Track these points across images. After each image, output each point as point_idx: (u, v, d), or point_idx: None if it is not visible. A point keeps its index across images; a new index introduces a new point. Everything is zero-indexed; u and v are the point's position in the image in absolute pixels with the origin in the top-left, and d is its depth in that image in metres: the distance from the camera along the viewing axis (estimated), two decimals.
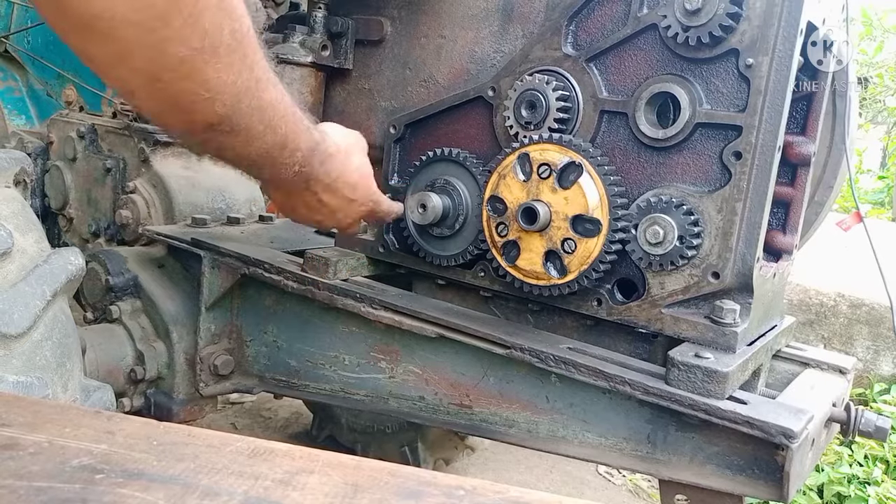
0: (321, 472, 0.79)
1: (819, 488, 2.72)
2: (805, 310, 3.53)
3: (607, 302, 1.38)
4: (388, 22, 1.67)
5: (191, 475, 0.74)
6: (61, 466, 0.71)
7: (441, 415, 1.56)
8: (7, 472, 0.68)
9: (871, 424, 1.40)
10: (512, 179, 1.37)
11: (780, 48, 1.21)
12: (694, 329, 1.30)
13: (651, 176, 1.35)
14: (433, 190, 1.53)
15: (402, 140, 1.65)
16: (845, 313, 3.50)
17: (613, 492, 2.80)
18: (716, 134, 1.28)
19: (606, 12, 1.38)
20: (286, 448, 0.83)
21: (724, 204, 1.26)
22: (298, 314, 1.76)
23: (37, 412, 0.82)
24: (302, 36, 1.65)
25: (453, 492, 0.78)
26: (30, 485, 0.67)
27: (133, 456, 0.76)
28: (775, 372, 1.61)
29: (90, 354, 1.74)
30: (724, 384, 1.20)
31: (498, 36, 1.53)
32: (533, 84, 1.40)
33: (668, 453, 1.30)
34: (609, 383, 1.29)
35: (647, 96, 1.32)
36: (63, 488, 0.67)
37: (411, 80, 1.65)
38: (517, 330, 1.47)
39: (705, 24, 1.23)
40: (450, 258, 1.54)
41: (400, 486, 0.78)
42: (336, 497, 0.74)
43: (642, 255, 1.31)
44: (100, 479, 0.70)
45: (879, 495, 2.63)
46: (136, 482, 0.71)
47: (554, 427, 1.42)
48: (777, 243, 1.48)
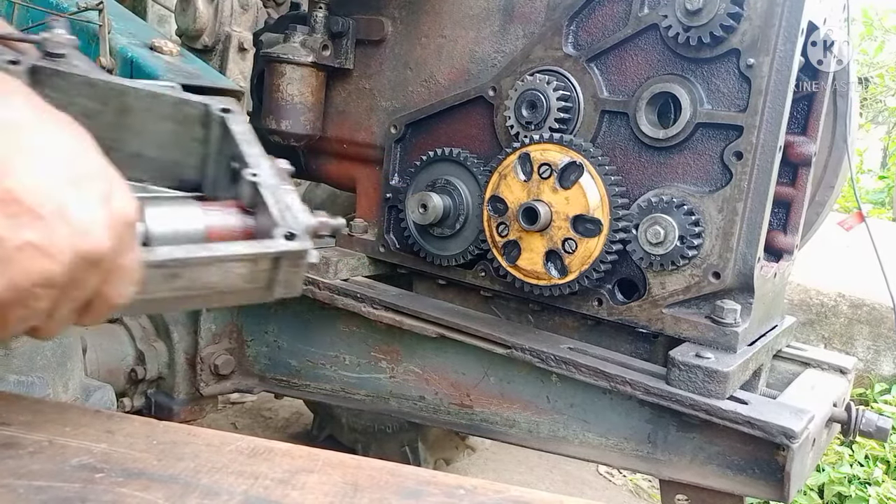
0: (321, 472, 0.79)
1: (820, 488, 2.72)
2: (806, 310, 3.53)
3: (608, 302, 1.38)
4: (389, 22, 1.67)
5: (191, 474, 0.74)
6: (61, 465, 0.71)
7: (442, 415, 1.56)
8: (7, 470, 0.68)
9: (872, 424, 1.39)
10: (513, 179, 1.37)
11: (780, 48, 1.21)
12: (695, 329, 1.30)
13: (652, 176, 1.34)
14: (434, 190, 1.53)
15: (402, 140, 1.65)
16: (846, 313, 3.50)
17: (614, 492, 2.80)
18: (717, 134, 1.28)
19: (607, 12, 1.38)
20: (286, 447, 0.83)
21: (724, 204, 1.26)
22: (299, 314, 1.76)
23: (37, 411, 0.82)
24: (303, 36, 1.65)
25: (454, 491, 0.78)
26: (30, 484, 0.67)
27: (133, 455, 0.76)
28: (776, 372, 1.61)
29: (91, 354, 1.74)
30: (724, 384, 1.20)
31: (499, 36, 1.52)
32: (534, 84, 1.40)
33: (669, 453, 1.30)
34: (610, 383, 1.29)
35: (648, 96, 1.32)
36: (63, 487, 0.67)
37: (412, 79, 1.65)
38: (518, 330, 1.47)
39: (706, 24, 1.23)
40: (450, 258, 1.54)
41: (400, 486, 0.78)
42: (336, 496, 0.74)
43: (643, 255, 1.31)
44: (100, 478, 0.70)
45: (880, 495, 2.62)
46: (136, 481, 0.71)
47: (555, 427, 1.42)
48: (778, 243, 1.48)
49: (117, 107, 0.92)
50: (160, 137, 0.96)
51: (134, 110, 0.93)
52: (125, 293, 0.69)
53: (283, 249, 0.81)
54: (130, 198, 0.67)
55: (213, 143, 0.99)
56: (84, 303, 0.67)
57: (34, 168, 0.59)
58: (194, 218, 0.83)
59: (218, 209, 0.86)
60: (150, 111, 0.94)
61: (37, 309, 0.63)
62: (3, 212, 0.57)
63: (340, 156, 1.79)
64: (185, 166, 0.98)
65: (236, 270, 0.81)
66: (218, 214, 0.85)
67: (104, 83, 0.90)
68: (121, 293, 0.68)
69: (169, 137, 0.97)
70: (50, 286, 0.61)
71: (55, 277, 0.60)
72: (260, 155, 0.93)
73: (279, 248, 0.81)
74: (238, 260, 0.80)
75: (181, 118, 0.97)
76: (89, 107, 0.90)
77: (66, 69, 0.89)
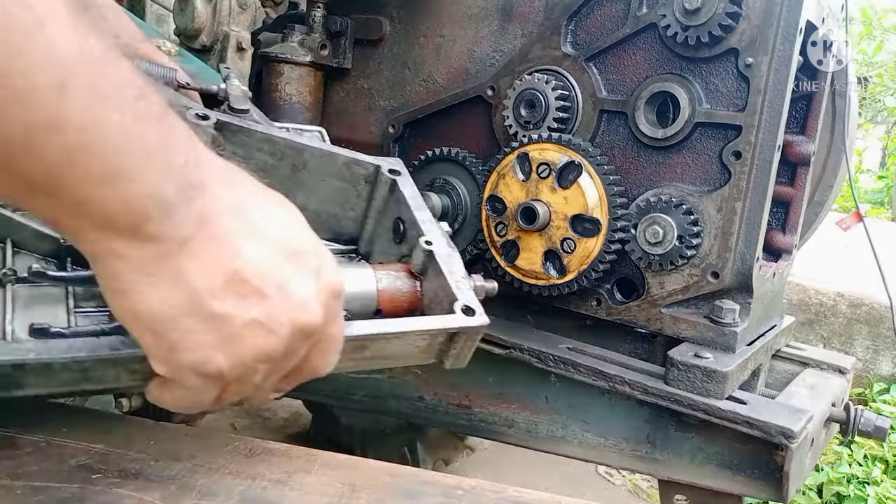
0: (319, 473, 0.79)
1: (818, 488, 2.72)
2: (804, 309, 3.53)
3: (607, 302, 1.38)
4: (387, 21, 1.66)
5: (188, 475, 0.73)
6: (59, 466, 0.71)
7: (440, 415, 1.56)
8: (4, 471, 0.68)
9: (871, 424, 1.39)
10: (511, 179, 1.37)
11: (779, 48, 1.21)
12: (693, 329, 1.30)
13: (650, 175, 1.34)
14: (432, 189, 1.53)
15: (401, 139, 1.65)
16: (845, 313, 3.50)
17: (613, 492, 2.80)
18: (715, 133, 1.28)
19: (606, 12, 1.38)
20: (284, 448, 0.83)
21: (723, 203, 1.26)
22: None
23: (35, 412, 0.82)
24: (301, 35, 1.65)
25: (452, 492, 0.78)
26: (27, 484, 0.67)
27: (130, 456, 0.75)
28: (775, 372, 1.61)
29: None
30: (723, 384, 1.20)
31: (497, 35, 1.52)
32: (532, 83, 1.40)
33: (668, 453, 1.30)
34: (608, 383, 1.29)
35: (647, 96, 1.32)
36: (61, 488, 0.67)
37: (410, 79, 1.65)
38: (516, 330, 1.47)
39: (705, 23, 1.23)
40: None
41: (398, 487, 0.78)
42: (334, 497, 0.74)
43: (642, 255, 1.31)
44: (97, 478, 0.70)
45: (879, 495, 2.62)
46: (134, 482, 0.71)
47: (553, 427, 1.42)
48: (777, 243, 1.48)
49: (292, 163, 0.95)
50: (327, 192, 0.99)
51: (308, 167, 0.97)
52: (330, 362, 0.72)
53: (463, 325, 0.84)
54: (338, 270, 0.69)
55: (376, 201, 1.02)
56: (290, 371, 0.69)
57: (257, 248, 0.62)
58: (367, 280, 0.86)
59: (387, 272, 0.89)
60: (322, 169, 0.97)
61: (253, 382, 0.66)
62: (233, 292, 0.60)
63: None
64: (344, 220, 1.02)
65: (417, 343, 0.84)
66: (388, 278, 0.88)
67: (284, 141, 0.94)
68: (327, 362, 0.71)
69: (335, 193, 1.00)
70: (270, 360, 0.64)
71: (276, 351, 0.63)
72: (430, 221, 0.96)
73: (460, 324, 0.84)
74: (424, 334, 0.83)
75: (349, 176, 1.00)
76: (268, 162, 0.94)
77: (250, 126, 0.93)
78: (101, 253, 0.57)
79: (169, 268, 0.58)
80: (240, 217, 0.62)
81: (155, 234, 0.57)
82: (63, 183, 0.52)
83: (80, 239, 0.57)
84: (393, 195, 1.01)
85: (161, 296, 0.58)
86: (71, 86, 0.50)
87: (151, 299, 0.58)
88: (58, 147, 0.51)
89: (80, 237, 0.57)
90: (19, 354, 0.61)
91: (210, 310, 0.59)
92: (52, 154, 0.51)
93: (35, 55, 0.49)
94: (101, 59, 0.53)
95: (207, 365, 0.61)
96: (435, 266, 0.89)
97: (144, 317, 0.59)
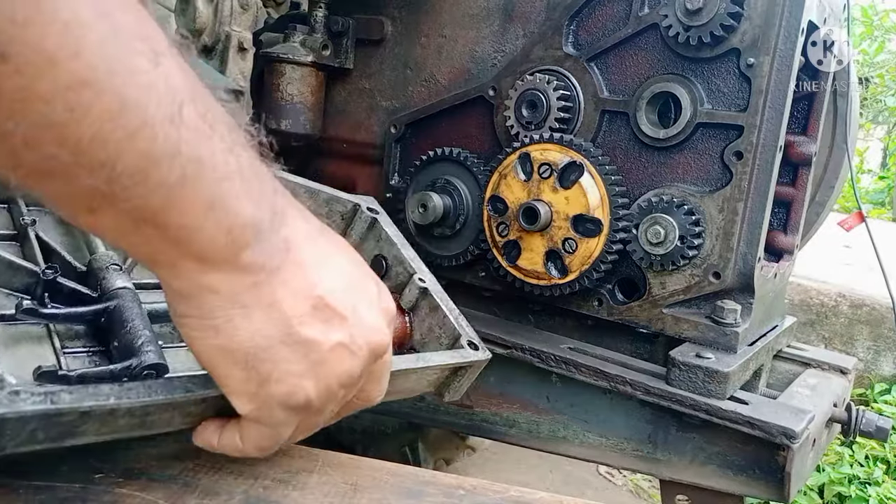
0: (321, 472, 0.79)
1: (820, 488, 2.72)
2: (806, 310, 3.53)
3: (608, 302, 1.38)
4: (389, 21, 1.67)
5: (190, 474, 0.73)
6: (60, 465, 0.71)
7: (441, 415, 1.56)
8: (5, 470, 0.68)
9: (872, 425, 1.39)
10: (513, 179, 1.37)
11: (781, 48, 1.21)
12: (695, 329, 1.30)
13: (652, 176, 1.34)
14: (434, 190, 1.53)
15: (402, 140, 1.65)
16: (846, 313, 3.49)
17: (614, 492, 2.80)
18: (717, 134, 1.28)
19: (607, 12, 1.38)
20: (286, 447, 0.83)
21: (725, 204, 1.26)
22: None
23: None
24: (302, 35, 1.65)
25: (453, 491, 0.78)
26: (29, 483, 0.67)
27: (132, 455, 0.75)
28: (776, 372, 1.61)
29: None
30: (725, 384, 1.20)
31: (498, 35, 1.52)
32: (534, 84, 1.40)
33: (669, 453, 1.30)
34: (610, 383, 1.29)
35: (648, 96, 1.32)
36: (62, 487, 0.67)
37: (412, 79, 1.65)
38: (518, 330, 1.47)
39: (706, 23, 1.23)
40: (450, 258, 1.54)
41: (400, 486, 0.78)
42: (336, 496, 0.74)
43: (643, 255, 1.31)
44: (99, 478, 0.70)
45: (880, 496, 2.62)
46: (136, 481, 0.71)
47: (555, 427, 1.42)
48: (778, 243, 1.48)
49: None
50: None
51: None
52: (383, 389, 0.73)
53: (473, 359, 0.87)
54: (390, 296, 0.73)
55: (352, 238, 1.05)
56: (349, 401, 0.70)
57: (331, 274, 0.63)
58: None
59: None
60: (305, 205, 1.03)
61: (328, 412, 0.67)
62: (318, 317, 0.61)
63: (340, 156, 1.79)
64: None
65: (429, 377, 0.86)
66: None
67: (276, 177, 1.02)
68: (380, 389, 0.73)
69: None
70: (351, 384, 0.65)
71: (356, 374, 0.65)
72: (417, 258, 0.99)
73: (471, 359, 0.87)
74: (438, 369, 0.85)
75: (327, 212, 1.04)
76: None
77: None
78: (193, 289, 0.57)
79: (263, 297, 0.58)
80: (313, 244, 0.64)
81: (250, 263, 0.57)
82: (172, 214, 0.52)
83: (174, 275, 0.57)
84: (372, 232, 1.04)
85: (255, 327, 0.58)
86: (185, 116, 0.51)
87: (245, 332, 0.58)
88: (175, 177, 0.51)
89: (175, 272, 0.56)
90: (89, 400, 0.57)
91: (299, 336, 0.60)
92: (164, 187, 0.51)
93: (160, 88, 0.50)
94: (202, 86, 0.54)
95: (297, 395, 0.61)
96: (430, 302, 0.91)
97: (237, 350, 0.58)
